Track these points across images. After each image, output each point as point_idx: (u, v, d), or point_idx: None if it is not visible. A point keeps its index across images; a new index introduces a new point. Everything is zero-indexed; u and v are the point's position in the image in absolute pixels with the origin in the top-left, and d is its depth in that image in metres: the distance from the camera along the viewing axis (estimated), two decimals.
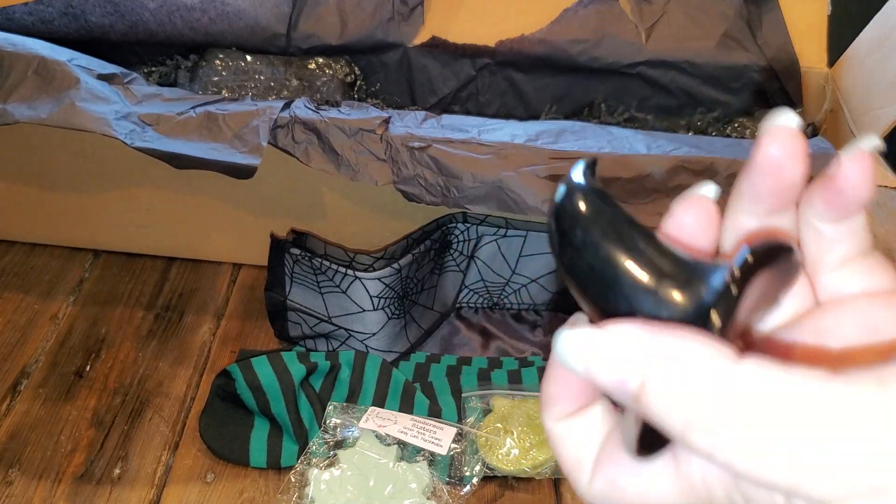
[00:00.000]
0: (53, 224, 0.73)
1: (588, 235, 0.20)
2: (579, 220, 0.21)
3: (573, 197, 0.21)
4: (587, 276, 0.20)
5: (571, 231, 0.21)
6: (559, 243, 0.21)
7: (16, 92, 0.58)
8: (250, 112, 0.59)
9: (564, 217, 0.21)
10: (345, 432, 0.58)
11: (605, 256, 0.20)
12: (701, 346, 0.17)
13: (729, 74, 0.73)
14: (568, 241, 0.21)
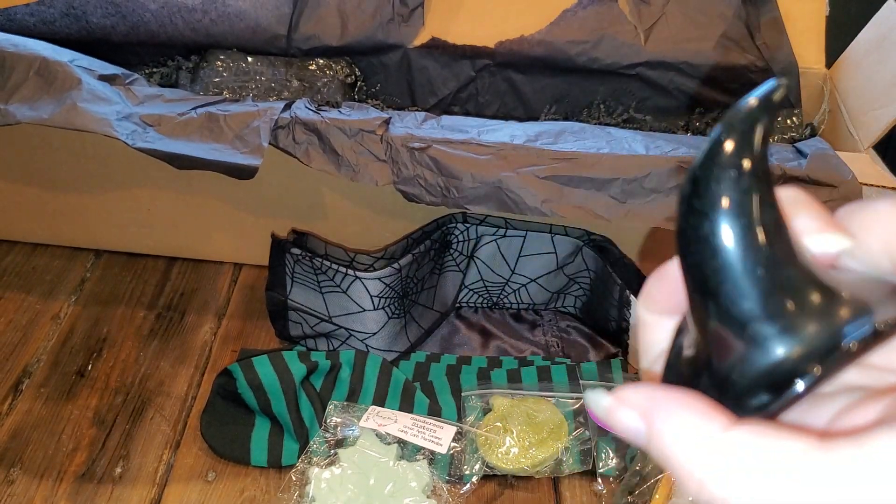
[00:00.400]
0: (55, 224, 0.73)
1: (727, 240, 0.18)
2: (720, 215, 0.18)
3: (722, 179, 0.18)
4: (712, 276, 0.18)
5: (707, 223, 0.18)
6: (690, 227, 0.18)
7: (17, 92, 0.58)
8: (251, 113, 0.59)
9: (701, 200, 0.18)
10: (345, 431, 0.58)
11: (740, 266, 0.17)
12: (697, 416, 0.18)
13: (727, 75, 0.73)
14: (700, 230, 0.18)
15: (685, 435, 0.17)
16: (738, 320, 0.18)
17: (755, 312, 0.18)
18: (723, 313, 0.18)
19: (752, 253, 0.18)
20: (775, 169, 0.58)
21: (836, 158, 0.61)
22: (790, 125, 0.73)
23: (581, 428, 0.60)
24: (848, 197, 0.58)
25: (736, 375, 0.19)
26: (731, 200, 0.18)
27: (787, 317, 0.18)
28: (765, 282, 0.18)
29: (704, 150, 0.18)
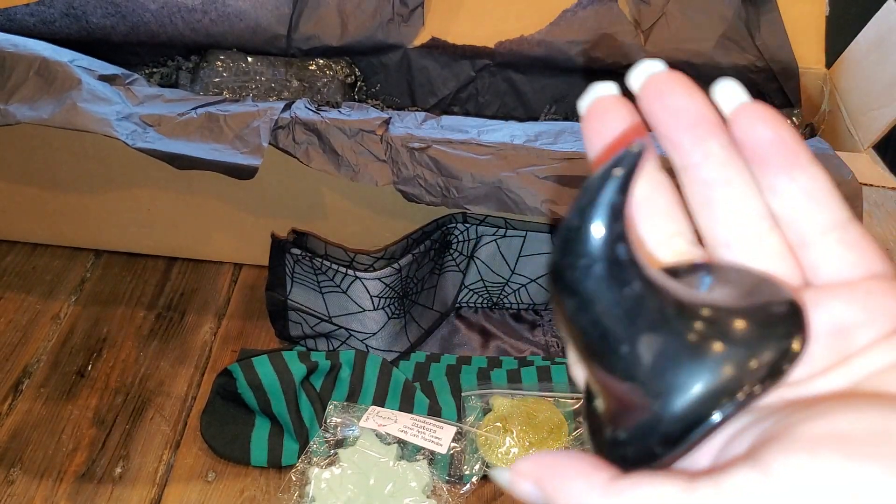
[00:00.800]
0: (55, 224, 0.73)
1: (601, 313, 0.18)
2: (588, 295, 0.18)
3: (581, 265, 0.18)
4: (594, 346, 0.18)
5: (580, 301, 0.18)
6: (563, 298, 0.18)
7: (17, 93, 0.58)
8: (251, 113, 0.59)
9: (568, 279, 0.18)
10: (345, 431, 0.58)
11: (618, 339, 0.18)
12: (580, 477, 0.19)
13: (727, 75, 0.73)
14: (576, 305, 0.18)
15: (573, 495, 0.18)
16: (622, 382, 0.19)
17: (638, 377, 0.18)
18: (606, 375, 0.19)
19: (624, 322, 0.18)
20: None
21: (836, 159, 0.61)
22: None
23: (581, 428, 0.60)
24: (847, 197, 0.58)
25: (626, 433, 0.19)
26: (594, 283, 0.18)
27: (670, 378, 0.18)
28: (642, 349, 0.18)
29: (560, 240, 0.18)
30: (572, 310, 0.18)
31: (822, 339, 0.19)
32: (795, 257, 0.20)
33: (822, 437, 0.16)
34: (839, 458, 0.16)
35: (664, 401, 0.18)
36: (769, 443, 0.17)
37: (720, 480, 0.17)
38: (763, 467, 0.16)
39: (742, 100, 0.20)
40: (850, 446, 0.16)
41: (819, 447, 0.16)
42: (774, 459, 0.16)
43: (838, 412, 0.17)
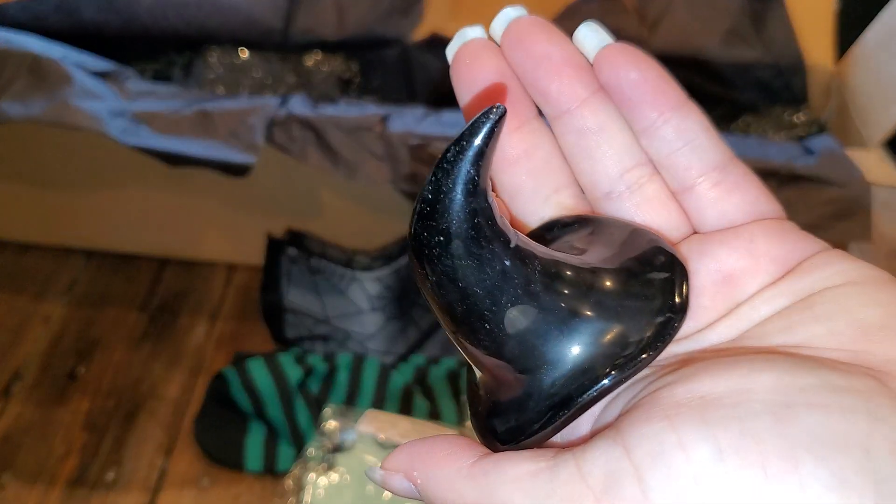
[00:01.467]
0: (45, 224, 0.72)
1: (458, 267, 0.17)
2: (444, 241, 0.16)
3: (441, 199, 0.16)
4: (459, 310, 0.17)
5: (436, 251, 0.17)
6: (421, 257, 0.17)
7: (9, 89, 0.57)
8: (246, 109, 0.58)
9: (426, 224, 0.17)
10: (343, 436, 0.57)
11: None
12: (445, 459, 0.18)
13: (734, 71, 0.72)
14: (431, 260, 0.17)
15: (440, 481, 0.18)
16: (490, 358, 0.18)
17: (505, 355, 0.18)
18: (474, 350, 0.18)
19: (488, 300, 0.17)
20: (782, 168, 0.57)
21: (845, 157, 0.59)
22: (797, 122, 0.72)
23: None
24: (855, 196, 0.57)
25: (499, 410, 0.18)
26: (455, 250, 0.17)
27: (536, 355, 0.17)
28: (508, 325, 0.17)
29: (417, 214, 0.17)
30: (433, 287, 0.17)
31: (709, 290, 0.18)
32: (679, 204, 0.19)
33: (683, 402, 0.15)
34: (696, 424, 0.15)
35: (533, 377, 0.17)
36: (632, 412, 0.16)
37: (581, 458, 0.16)
38: (622, 439, 0.15)
39: (605, 42, 0.19)
40: (709, 410, 0.15)
41: (678, 413, 0.15)
42: (633, 431, 0.15)
43: (702, 374, 0.16)
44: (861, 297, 0.17)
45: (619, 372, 0.17)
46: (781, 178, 0.57)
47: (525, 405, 0.18)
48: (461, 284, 0.17)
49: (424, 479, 0.18)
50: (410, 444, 0.19)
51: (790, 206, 0.57)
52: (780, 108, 0.73)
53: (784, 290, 0.18)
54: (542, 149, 0.20)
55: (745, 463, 0.14)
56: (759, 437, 0.14)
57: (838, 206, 0.57)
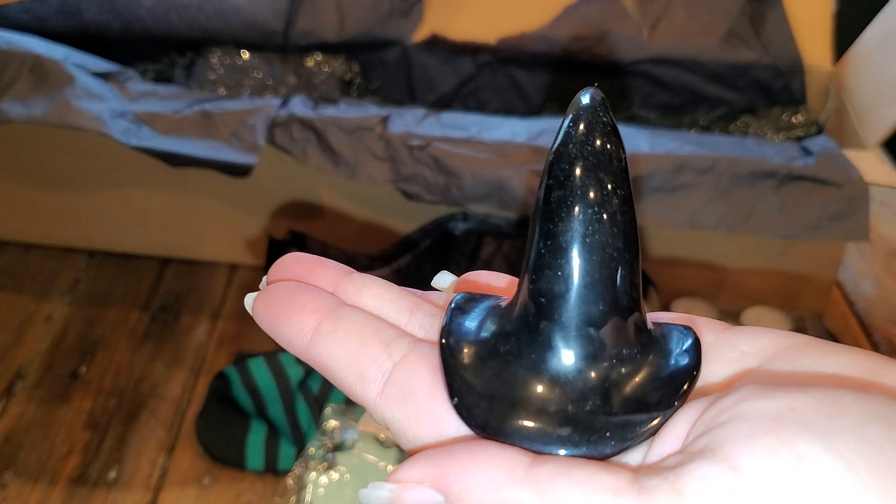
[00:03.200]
0: (48, 224, 0.72)
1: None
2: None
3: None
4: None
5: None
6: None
7: (10, 90, 0.58)
8: (247, 110, 0.58)
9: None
10: (343, 435, 0.57)
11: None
12: (496, 461, 0.17)
13: (732, 72, 0.72)
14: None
15: (486, 484, 0.16)
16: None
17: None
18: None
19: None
20: (781, 169, 0.58)
21: (843, 157, 0.60)
22: (796, 123, 0.72)
23: None
24: (854, 196, 0.58)
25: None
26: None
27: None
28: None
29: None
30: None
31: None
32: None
33: (777, 416, 0.15)
34: (807, 435, 0.14)
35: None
36: (718, 431, 0.15)
37: (677, 478, 0.15)
38: (725, 458, 0.15)
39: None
40: (812, 422, 0.14)
41: (780, 427, 0.14)
42: (735, 448, 0.15)
43: (777, 390, 0.16)
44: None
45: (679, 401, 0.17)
46: (780, 178, 0.58)
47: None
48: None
49: (465, 487, 0.16)
50: (431, 452, 0.17)
51: (789, 206, 0.58)
52: (779, 109, 0.73)
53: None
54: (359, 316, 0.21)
55: (878, 473, 0.13)
56: (879, 446, 0.14)
57: (837, 206, 0.58)
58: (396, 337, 0.20)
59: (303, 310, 0.20)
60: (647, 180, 0.56)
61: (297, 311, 0.20)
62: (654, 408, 0.17)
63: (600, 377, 0.18)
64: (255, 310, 0.21)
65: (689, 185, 0.57)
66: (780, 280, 0.67)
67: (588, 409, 0.17)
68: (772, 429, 0.15)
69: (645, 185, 0.56)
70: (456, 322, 0.20)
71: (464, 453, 0.17)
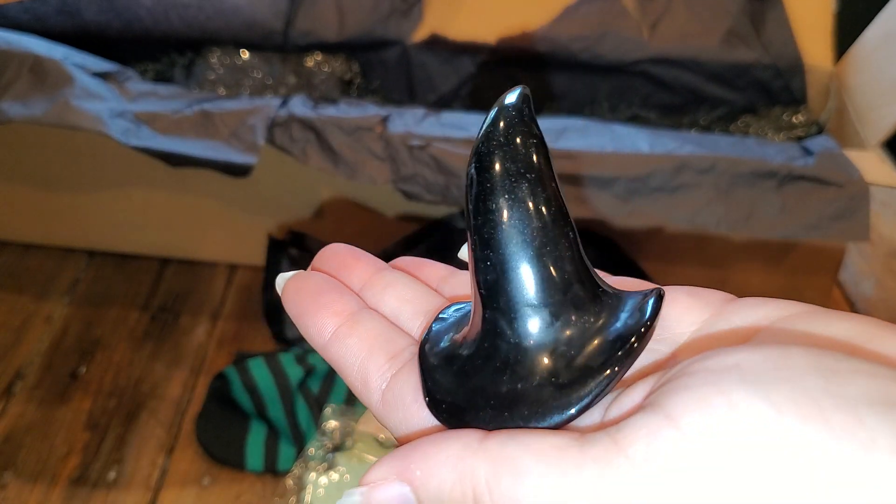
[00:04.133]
0: (47, 224, 0.72)
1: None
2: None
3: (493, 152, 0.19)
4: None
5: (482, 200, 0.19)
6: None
7: (10, 90, 0.57)
8: (247, 110, 0.58)
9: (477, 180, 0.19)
10: (343, 435, 0.57)
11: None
12: (451, 439, 0.17)
13: (733, 72, 0.72)
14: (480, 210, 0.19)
15: (443, 462, 0.17)
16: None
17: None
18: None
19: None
20: (781, 168, 0.57)
21: (843, 157, 0.60)
22: (796, 123, 0.72)
23: None
24: (854, 196, 0.57)
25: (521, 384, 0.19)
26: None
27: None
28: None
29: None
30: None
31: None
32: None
33: (721, 370, 0.15)
34: (743, 385, 0.15)
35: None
36: (664, 389, 0.16)
37: (616, 432, 0.15)
38: (664, 410, 0.15)
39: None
40: (751, 374, 0.15)
41: (720, 379, 0.15)
42: (674, 400, 0.15)
43: (729, 350, 0.16)
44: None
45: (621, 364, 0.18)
46: (780, 178, 0.58)
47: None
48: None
49: (426, 470, 0.17)
50: (397, 450, 0.18)
51: (789, 206, 0.58)
52: (780, 109, 0.73)
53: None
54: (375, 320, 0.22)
55: (807, 417, 0.14)
56: (812, 395, 0.14)
57: (837, 206, 0.58)
58: (404, 348, 0.21)
59: (326, 310, 0.22)
60: (647, 180, 0.56)
61: (321, 310, 0.22)
62: (599, 371, 0.18)
63: (546, 350, 0.19)
64: (285, 295, 0.22)
65: (689, 185, 0.57)
66: (780, 280, 0.67)
67: (536, 383, 0.18)
68: (711, 381, 0.15)
69: (645, 185, 0.56)
70: (435, 329, 0.21)
71: (424, 443, 0.18)
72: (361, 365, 0.21)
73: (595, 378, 0.18)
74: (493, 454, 0.16)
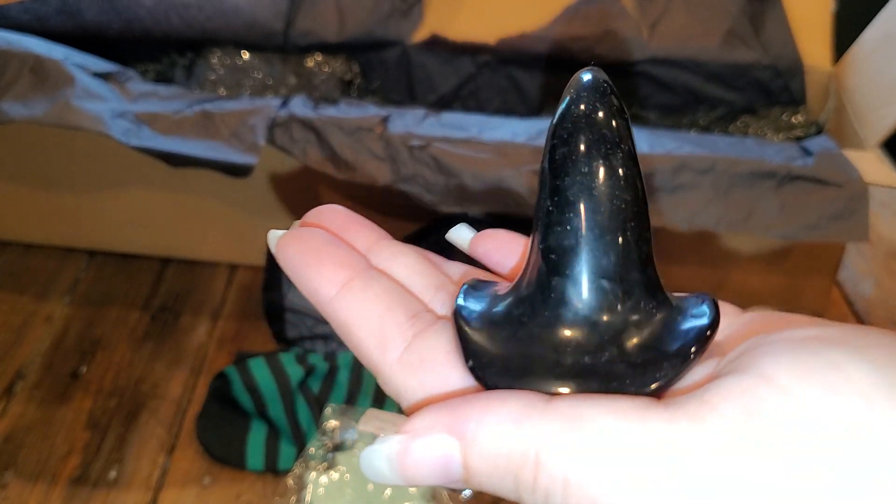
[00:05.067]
0: (48, 224, 0.72)
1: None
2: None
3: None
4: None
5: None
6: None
7: (11, 90, 0.58)
8: (247, 110, 0.58)
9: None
10: (343, 435, 0.57)
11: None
12: (515, 399, 0.16)
13: (732, 72, 0.72)
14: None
15: (508, 420, 0.15)
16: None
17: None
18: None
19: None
20: (780, 169, 0.58)
21: (843, 157, 0.60)
22: (796, 123, 0.72)
23: None
24: (853, 196, 0.58)
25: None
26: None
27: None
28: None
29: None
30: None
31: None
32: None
33: (803, 338, 0.15)
34: (839, 348, 0.15)
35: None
36: (745, 357, 0.15)
37: (705, 392, 0.15)
38: (757, 372, 0.15)
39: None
40: (839, 341, 0.15)
41: (809, 344, 0.15)
42: (767, 363, 0.15)
43: (793, 325, 0.16)
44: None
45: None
46: (780, 178, 0.58)
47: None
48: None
49: (482, 425, 0.15)
50: (443, 402, 0.17)
51: (788, 206, 0.58)
52: (779, 110, 0.73)
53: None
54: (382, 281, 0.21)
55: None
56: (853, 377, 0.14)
57: (836, 206, 0.58)
58: (421, 311, 0.20)
59: (335, 262, 0.20)
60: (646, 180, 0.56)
61: (329, 262, 0.20)
62: (672, 357, 0.17)
63: (616, 328, 0.18)
64: (280, 248, 0.21)
65: (688, 186, 0.57)
66: (780, 280, 0.67)
67: (605, 359, 0.17)
68: (802, 345, 0.15)
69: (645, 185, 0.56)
70: (469, 296, 0.20)
71: (477, 398, 0.16)
72: (379, 319, 0.19)
73: (671, 361, 0.17)
74: (564, 413, 0.15)
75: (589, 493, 0.15)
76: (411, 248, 0.22)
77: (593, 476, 0.15)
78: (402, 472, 0.16)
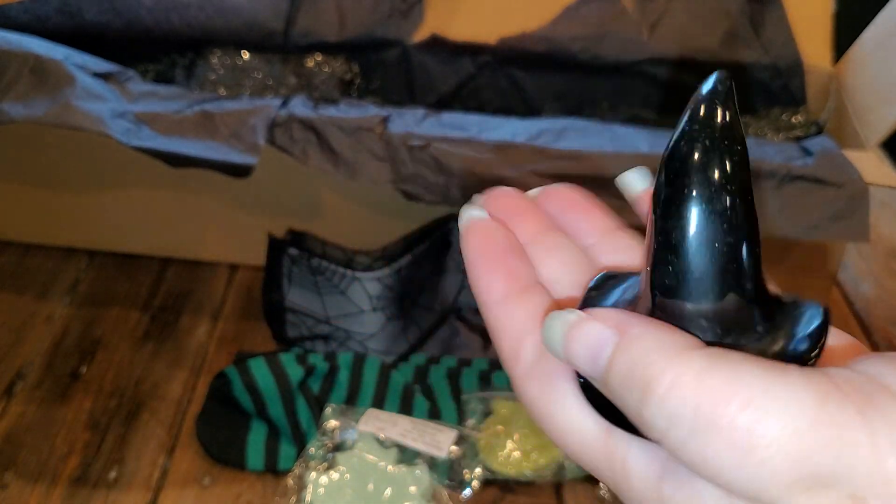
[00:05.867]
0: (48, 224, 0.72)
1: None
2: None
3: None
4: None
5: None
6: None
7: (11, 91, 0.58)
8: (247, 110, 0.58)
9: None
10: (343, 435, 0.57)
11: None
12: (667, 334, 0.18)
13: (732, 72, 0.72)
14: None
15: (665, 338, 0.17)
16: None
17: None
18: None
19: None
20: (780, 169, 0.58)
21: (843, 157, 0.60)
22: (796, 123, 0.72)
23: None
24: (853, 196, 0.58)
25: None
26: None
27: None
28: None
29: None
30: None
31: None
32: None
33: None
34: None
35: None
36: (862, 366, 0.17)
37: (855, 367, 0.16)
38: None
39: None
40: None
41: None
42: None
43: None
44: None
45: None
46: (780, 178, 0.58)
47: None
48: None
49: (643, 334, 0.17)
50: (622, 311, 0.19)
51: (788, 206, 0.58)
52: (779, 110, 0.73)
53: None
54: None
55: None
56: None
57: (836, 206, 0.58)
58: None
59: (508, 272, 0.23)
60: None
61: (503, 270, 0.23)
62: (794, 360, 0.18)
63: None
64: (466, 235, 0.24)
65: None
66: (779, 280, 0.67)
67: None
68: None
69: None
70: (589, 304, 0.21)
71: (651, 319, 0.18)
72: (519, 337, 0.21)
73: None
74: (715, 360, 0.16)
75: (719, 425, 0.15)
76: (564, 243, 0.25)
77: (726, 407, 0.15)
78: (567, 342, 0.19)
